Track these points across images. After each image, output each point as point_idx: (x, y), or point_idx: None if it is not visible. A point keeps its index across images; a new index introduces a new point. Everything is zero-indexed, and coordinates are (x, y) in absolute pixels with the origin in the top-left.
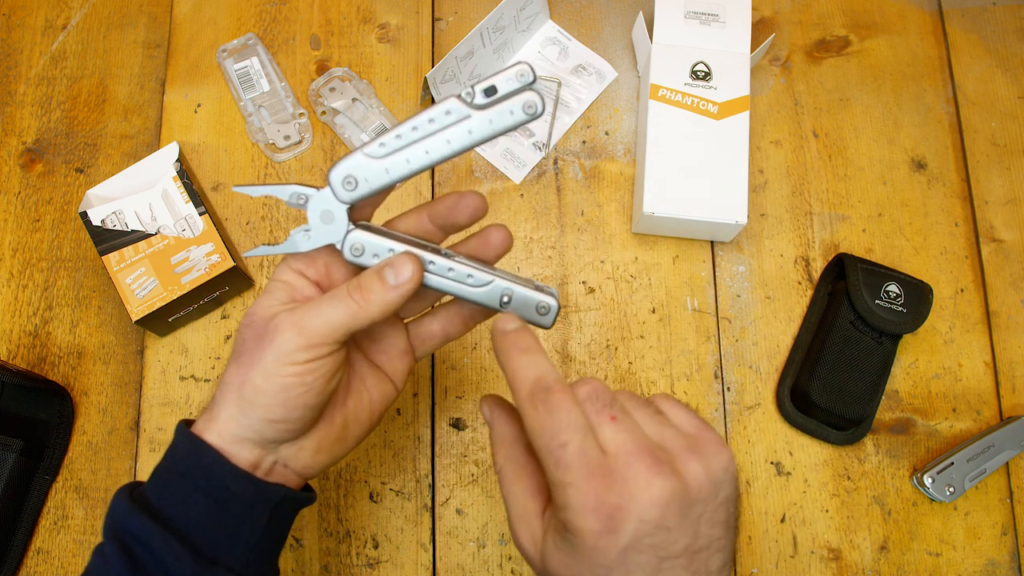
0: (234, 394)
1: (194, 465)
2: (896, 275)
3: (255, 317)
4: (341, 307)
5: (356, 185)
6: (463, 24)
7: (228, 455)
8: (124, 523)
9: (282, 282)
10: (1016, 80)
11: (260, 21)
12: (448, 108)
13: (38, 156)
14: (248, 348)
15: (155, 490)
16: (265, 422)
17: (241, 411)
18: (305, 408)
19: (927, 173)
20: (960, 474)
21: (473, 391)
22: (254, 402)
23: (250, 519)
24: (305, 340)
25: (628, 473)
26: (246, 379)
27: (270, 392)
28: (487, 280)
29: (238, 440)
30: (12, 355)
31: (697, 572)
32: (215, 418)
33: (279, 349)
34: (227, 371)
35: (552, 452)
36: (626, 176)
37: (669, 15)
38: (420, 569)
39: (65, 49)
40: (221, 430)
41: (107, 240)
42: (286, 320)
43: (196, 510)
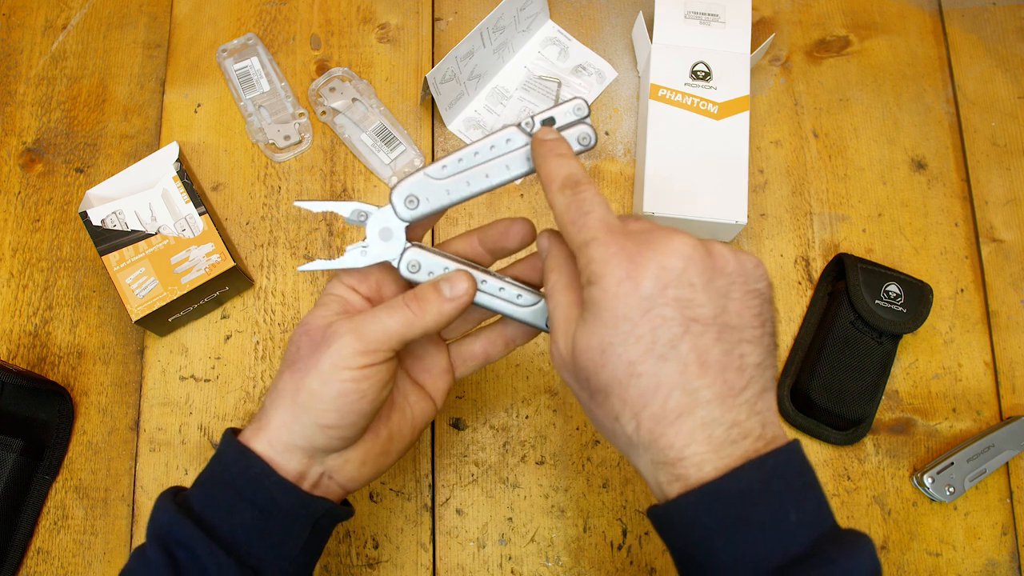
0: (288, 399)
1: (240, 474)
2: (896, 275)
3: (310, 326)
4: (398, 315)
5: (417, 204)
6: (463, 24)
7: (276, 465)
8: (170, 529)
9: (336, 296)
10: (1016, 80)
11: (260, 21)
12: (508, 136)
13: (38, 156)
14: (303, 355)
15: (200, 498)
16: (318, 428)
17: (295, 416)
18: (359, 415)
19: (927, 173)
20: (960, 474)
21: (473, 391)
22: (309, 407)
23: (293, 531)
24: (363, 345)
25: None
26: (302, 384)
27: (326, 397)
28: (535, 300)
29: (288, 448)
30: (12, 355)
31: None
32: (265, 426)
33: (337, 353)
34: (280, 378)
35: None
36: (626, 176)
37: (669, 15)
38: (420, 569)
39: (65, 49)
40: (272, 438)
41: (107, 240)
42: (344, 326)
43: (242, 520)
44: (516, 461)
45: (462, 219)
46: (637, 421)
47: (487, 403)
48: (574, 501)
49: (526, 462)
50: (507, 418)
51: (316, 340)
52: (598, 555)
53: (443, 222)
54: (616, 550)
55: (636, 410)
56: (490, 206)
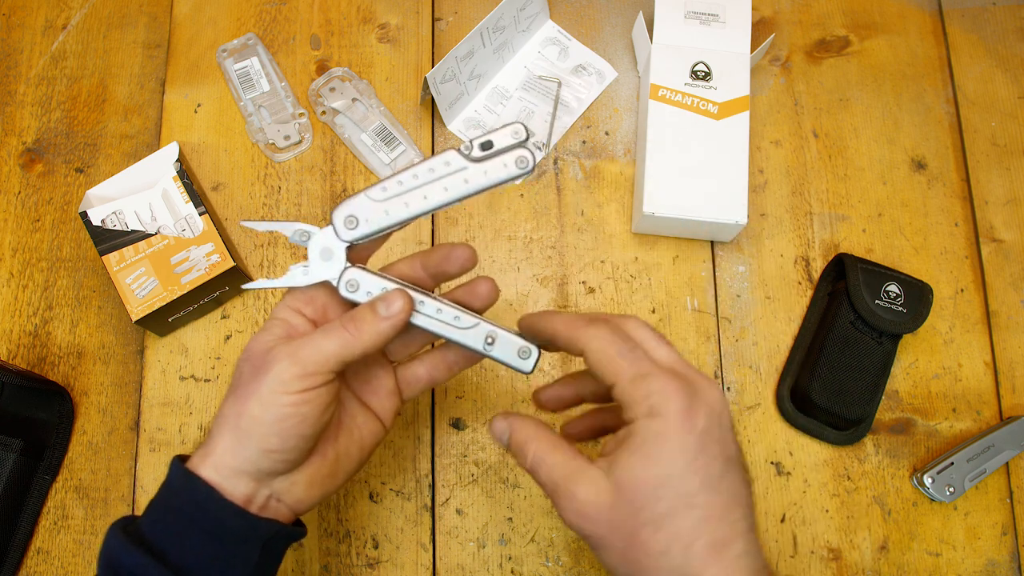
0: (231, 425)
1: (188, 500)
2: (896, 275)
3: (252, 352)
4: (335, 337)
5: (357, 224)
6: (463, 24)
7: (223, 490)
8: (121, 558)
9: (280, 320)
10: (1016, 80)
11: (260, 21)
12: (447, 159)
13: (38, 156)
14: (244, 380)
15: (150, 525)
16: (261, 452)
17: (238, 442)
18: (300, 438)
19: (927, 173)
20: (960, 474)
21: (473, 391)
22: (251, 432)
23: (243, 554)
24: (300, 368)
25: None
26: (243, 410)
27: (267, 421)
28: (473, 323)
29: (234, 473)
30: (12, 355)
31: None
32: (211, 452)
33: (276, 378)
34: (224, 405)
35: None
36: (626, 176)
37: (669, 15)
38: (420, 569)
39: (65, 49)
40: (217, 464)
41: (107, 240)
42: (282, 351)
43: (191, 545)
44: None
45: (462, 219)
46: (688, 553)
47: (487, 403)
48: None
49: None
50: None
51: (257, 365)
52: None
53: (442, 222)
54: None
55: (689, 541)
56: (490, 207)
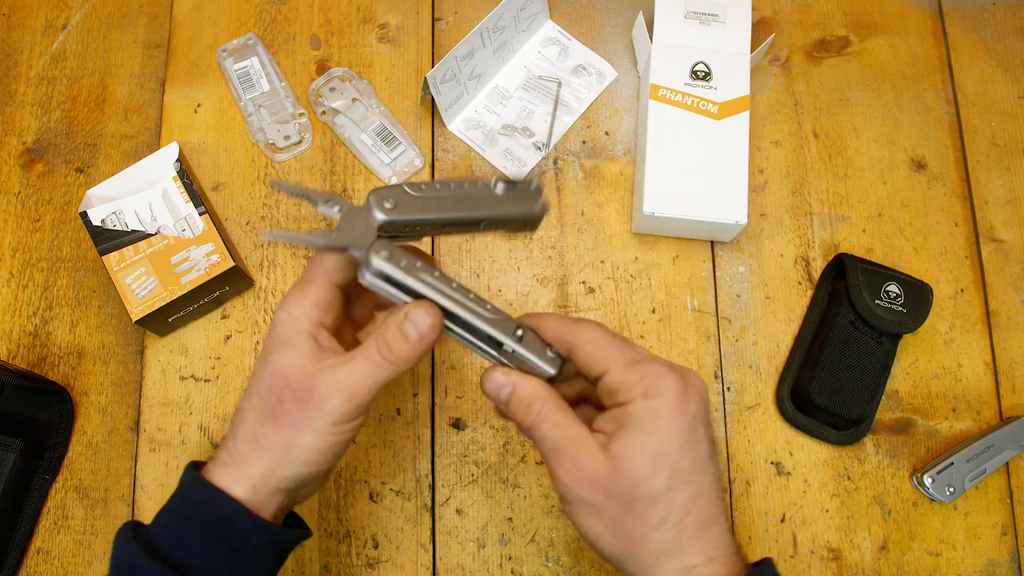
0: (276, 453)
1: (211, 514)
2: (896, 275)
3: (290, 377)
4: (377, 368)
5: (394, 206)
6: (463, 24)
7: (257, 508)
8: (136, 568)
9: (304, 335)
10: (1016, 80)
11: (260, 21)
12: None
13: (38, 156)
14: (288, 410)
15: (166, 536)
16: (311, 475)
17: (285, 467)
18: (340, 456)
19: (927, 173)
20: (960, 474)
21: (473, 391)
22: (305, 460)
23: (262, 563)
24: (353, 405)
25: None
26: (293, 441)
27: (322, 450)
28: (502, 316)
29: (273, 492)
30: (12, 355)
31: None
32: (246, 475)
33: (330, 415)
34: (260, 429)
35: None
36: (626, 176)
37: (669, 15)
38: (420, 569)
39: (65, 49)
40: (256, 485)
41: (107, 240)
42: (332, 387)
43: (213, 557)
44: (516, 461)
45: None
46: (681, 527)
47: (487, 403)
48: None
49: (526, 462)
50: None
51: (301, 395)
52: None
53: None
54: None
55: (682, 516)
56: None
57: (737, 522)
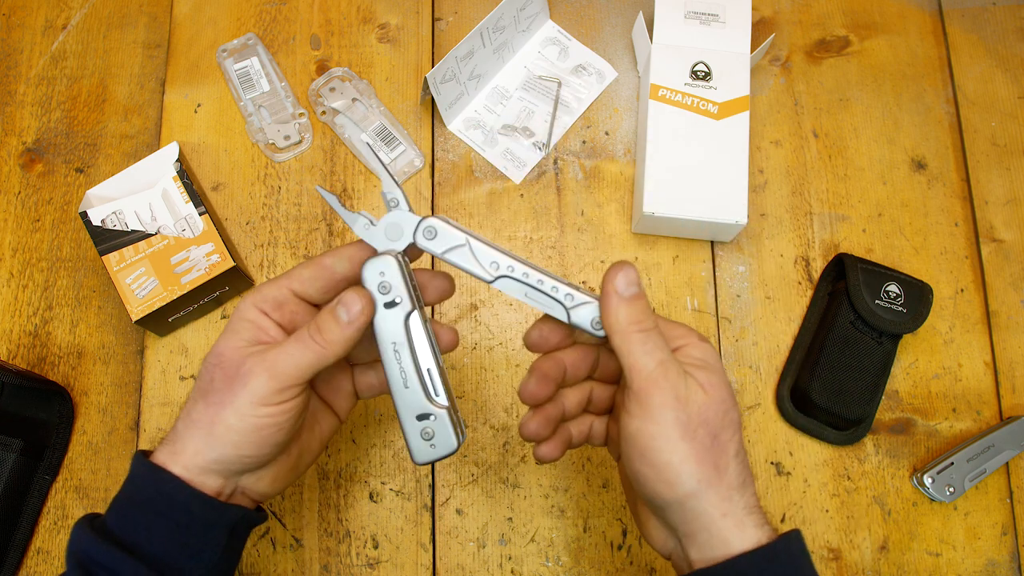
0: (203, 430)
1: (156, 493)
2: (896, 275)
3: (223, 357)
4: (306, 348)
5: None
6: (463, 24)
7: (192, 483)
8: (90, 553)
9: (248, 321)
10: (1016, 80)
11: (260, 21)
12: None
13: (38, 156)
14: (217, 388)
15: (117, 519)
16: (235, 456)
17: (210, 447)
18: (274, 445)
19: (927, 173)
20: (960, 474)
21: (473, 391)
22: (226, 439)
23: (211, 540)
24: (277, 384)
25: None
26: (217, 419)
27: (243, 431)
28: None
29: (204, 471)
30: (12, 355)
31: None
32: (180, 452)
33: (253, 393)
34: (193, 408)
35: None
36: (626, 176)
37: (669, 15)
38: (420, 569)
39: (65, 49)
40: (187, 463)
41: (107, 240)
42: (258, 364)
43: (160, 535)
44: (516, 461)
45: (463, 220)
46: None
47: (487, 403)
48: (574, 501)
49: (526, 462)
50: (507, 418)
51: (230, 374)
52: (598, 555)
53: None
54: (616, 550)
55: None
56: (490, 207)
57: None
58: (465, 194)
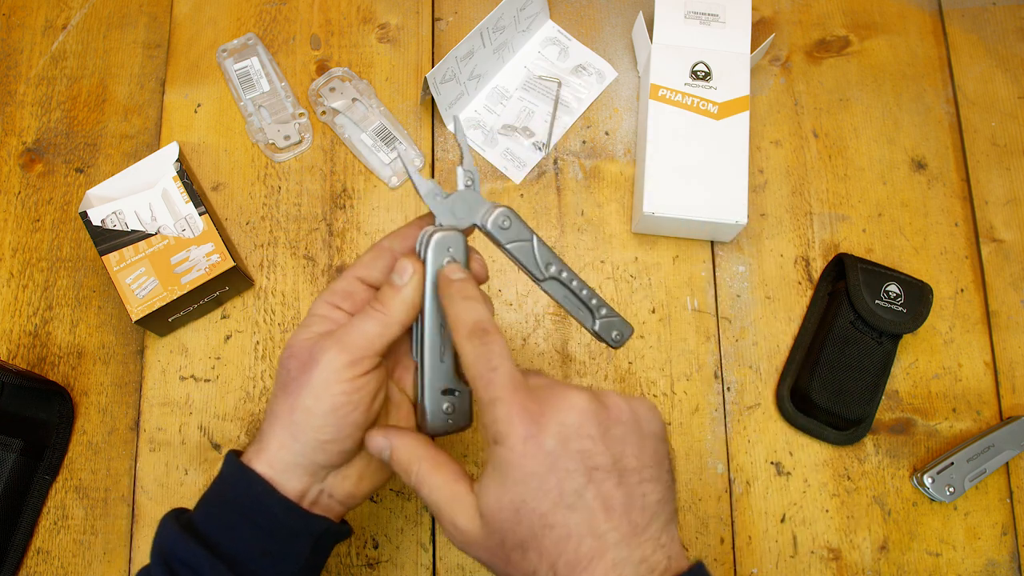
0: (284, 420)
1: (242, 494)
2: (896, 275)
3: (296, 348)
4: (371, 319)
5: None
6: (463, 24)
7: (277, 484)
8: (173, 548)
9: (319, 316)
10: (1016, 80)
11: (260, 21)
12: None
13: (38, 156)
14: (293, 376)
15: (203, 518)
16: (317, 444)
17: (292, 436)
18: (354, 426)
19: (927, 173)
20: (960, 474)
21: None
22: (306, 424)
23: (295, 549)
24: (349, 356)
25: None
26: (296, 404)
27: (321, 412)
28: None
29: (288, 468)
30: (12, 355)
31: (631, 495)
32: (265, 448)
33: (327, 368)
34: (274, 402)
35: (483, 376)
36: (626, 176)
37: (669, 15)
38: (420, 569)
39: (65, 49)
40: (272, 459)
41: (107, 240)
42: (328, 341)
43: (243, 538)
44: None
45: None
46: (554, 571)
47: None
48: None
49: None
50: None
51: (304, 360)
52: None
53: None
54: None
55: (552, 560)
56: None
57: (737, 522)
58: None
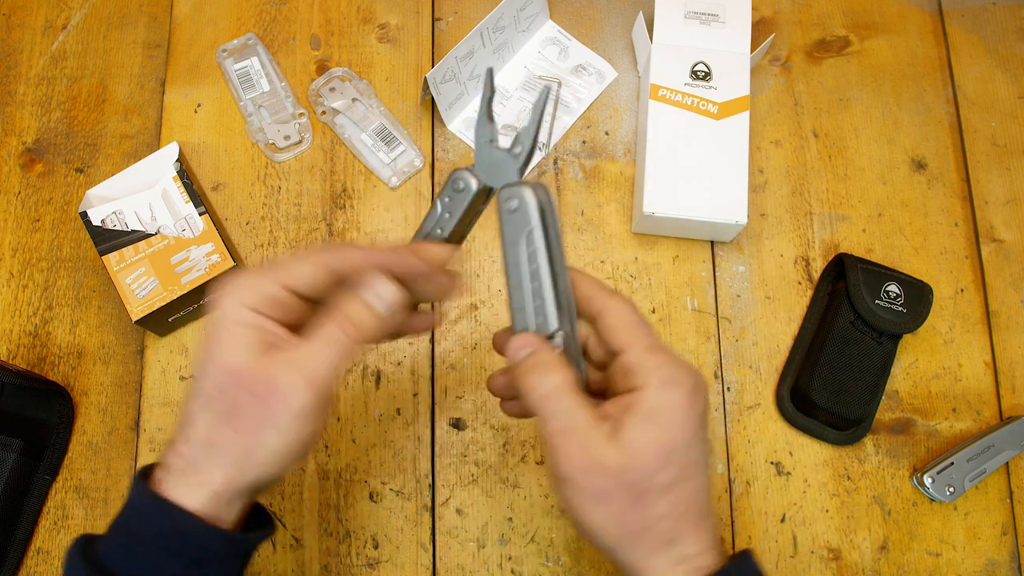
0: (235, 455)
1: (167, 529)
2: (896, 275)
3: (243, 376)
4: (338, 347)
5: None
6: (463, 24)
7: (218, 519)
8: None
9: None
10: (1016, 80)
11: (260, 21)
12: None
13: (38, 156)
14: (247, 411)
15: (118, 554)
16: (270, 476)
17: (242, 471)
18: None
19: (927, 173)
20: (960, 474)
21: (473, 391)
22: (265, 461)
23: (226, 570)
24: (316, 395)
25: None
26: (256, 444)
27: (289, 451)
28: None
29: (232, 500)
30: (12, 355)
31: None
32: (204, 482)
33: (294, 409)
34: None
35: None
36: (626, 176)
37: (669, 15)
38: (420, 569)
39: (65, 49)
40: (217, 492)
41: (107, 240)
42: (291, 375)
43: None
44: (516, 461)
45: None
46: (680, 520)
47: (487, 403)
48: None
49: (526, 462)
50: (507, 418)
51: (259, 393)
52: (598, 555)
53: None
54: None
55: (684, 509)
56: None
57: (737, 522)
58: None
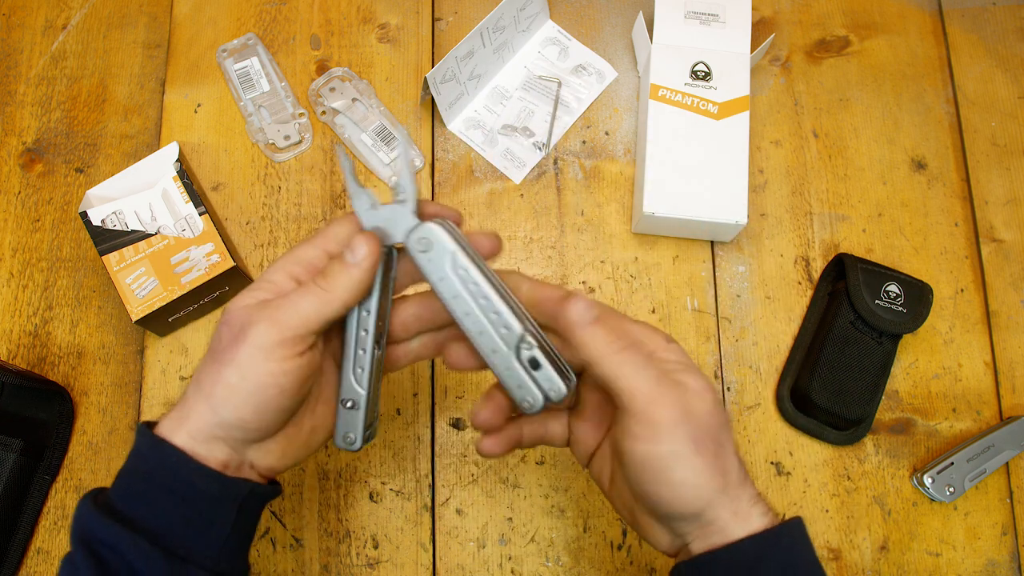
0: (207, 391)
1: (158, 465)
2: (896, 275)
3: (231, 315)
4: (311, 296)
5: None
6: (463, 24)
7: (198, 455)
8: (91, 529)
9: (269, 282)
10: (1016, 80)
11: (260, 21)
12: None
13: (38, 156)
14: (223, 346)
15: (120, 494)
16: (236, 421)
17: (212, 409)
18: (277, 411)
19: (927, 173)
20: (960, 474)
21: (473, 391)
22: (227, 401)
23: (219, 515)
24: (279, 334)
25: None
26: (219, 378)
27: (244, 391)
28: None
29: (209, 439)
30: (12, 355)
31: None
32: (186, 417)
33: (254, 345)
34: (201, 368)
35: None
36: (626, 176)
37: (669, 15)
38: (420, 569)
39: (65, 49)
40: (192, 430)
41: (107, 240)
42: (260, 314)
43: (163, 510)
44: (516, 461)
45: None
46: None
47: None
48: (574, 501)
49: (526, 462)
50: None
51: (235, 331)
52: (598, 555)
53: None
54: (616, 550)
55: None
56: (490, 206)
57: None
58: (465, 194)
